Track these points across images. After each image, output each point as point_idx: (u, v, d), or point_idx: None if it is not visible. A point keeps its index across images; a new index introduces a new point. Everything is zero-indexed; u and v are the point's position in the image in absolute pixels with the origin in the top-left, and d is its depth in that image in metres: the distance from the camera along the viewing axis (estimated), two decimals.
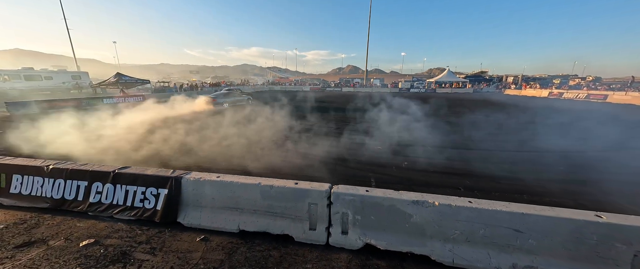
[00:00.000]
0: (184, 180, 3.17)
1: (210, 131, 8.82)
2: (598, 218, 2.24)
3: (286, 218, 2.97)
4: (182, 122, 10.45)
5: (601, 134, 8.90)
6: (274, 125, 10.00)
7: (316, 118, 12.42)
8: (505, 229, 2.42)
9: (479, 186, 4.65)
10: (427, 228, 2.63)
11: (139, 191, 3.30)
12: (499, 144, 7.77)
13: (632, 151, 7.10)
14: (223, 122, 10.35)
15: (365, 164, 5.86)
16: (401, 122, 10.46)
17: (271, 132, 8.77)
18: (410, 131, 9.13)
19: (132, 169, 3.44)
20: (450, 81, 44.88)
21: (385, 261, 2.61)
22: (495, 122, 11.62)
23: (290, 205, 2.96)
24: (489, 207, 2.48)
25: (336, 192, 2.85)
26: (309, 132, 9.27)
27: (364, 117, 12.42)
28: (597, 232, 2.23)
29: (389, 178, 5.02)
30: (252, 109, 14.82)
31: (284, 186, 2.96)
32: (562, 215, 2.33)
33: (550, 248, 2.34)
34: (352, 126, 10.43)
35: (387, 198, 2.73)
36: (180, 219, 3.17)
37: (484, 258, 2.46)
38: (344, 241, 2.83)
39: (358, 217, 2.81)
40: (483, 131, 9.66)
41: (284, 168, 5.46)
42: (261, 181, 3.04)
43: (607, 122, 11.47)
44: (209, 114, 13.00)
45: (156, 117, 11.55)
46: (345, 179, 4.90)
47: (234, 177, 3.15)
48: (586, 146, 7.47)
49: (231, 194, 3.08)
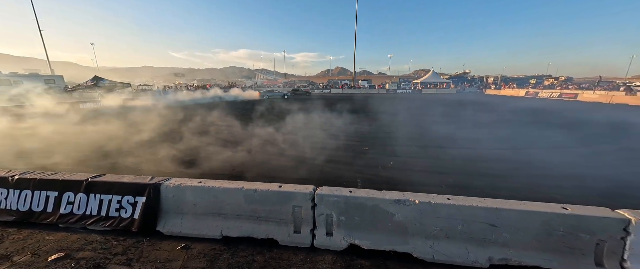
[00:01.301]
0: (163, 187, 3.06)
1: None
2: (564, 210, 2.39)
3: (270, 222, 2.94)
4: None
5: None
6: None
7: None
8: (482, 224, 2.52)
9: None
10: (409, 226, 2.68)
11: (115, 200, 3.15)
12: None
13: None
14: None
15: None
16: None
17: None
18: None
19: (106, 177, 3.29)
20: (434, 82, 46.36)
21: (369, 261, 2.64)
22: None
23: (274, 208, 2.93)
24: (466, 203, 2.57)
25: (320, 194, 2.85)
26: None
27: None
28: (563, 223, 2.37)
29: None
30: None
31: (267, 189, 2.94)
32: (533, 208, 2.46)
33: (522, 241, 2.46)
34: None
35: (370, 198, 2.76)
36: (159, 227, 3.05)
37: (462, 253, 2.54)
38: (328, 242, 2.83)
39: (342, 218, 2.82)
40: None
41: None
42: (244, 185, 3.00)
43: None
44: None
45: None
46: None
47: (217, 182, 3.08)
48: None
49: (214, 199, 3.01)
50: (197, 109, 16.35)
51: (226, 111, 15.54)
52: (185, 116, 13.05)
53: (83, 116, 13.59)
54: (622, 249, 2.30)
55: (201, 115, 13.27)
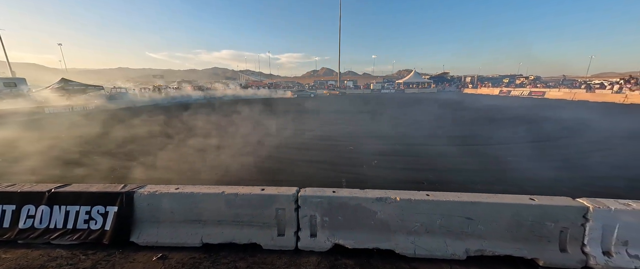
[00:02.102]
0: (136, 195, 2.89)
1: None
2: (531, 201, 2.55)
3: (253, 226, 2.88)
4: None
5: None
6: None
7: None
8: (459, 217, 2.62)
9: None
10: (391, 223, 2.74)
11: (83, 211, 2.93)
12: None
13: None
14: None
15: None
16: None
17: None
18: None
19: (73, 186, 3.05)
20: (416, 82, 47.92)
21: (353, 260, 2.65)
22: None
23: (257, 212, 2.87)
24: (444, 198, 2.67)
25: (303, 196, 2.84)
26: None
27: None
28: (531, 214, 2.53)
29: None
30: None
31: (249, 193, 2.87)
32: (504, 201, 2.60)
33: (496, 232, 2.59)
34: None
35: (353, 197, 2.79)
36: (134, 238, 2.88)
37: (441, 246, 2.63)
38: (313, 244, 2.82)
39: (326, 218, 2.82)
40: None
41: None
42: (225, 190, 2.91)
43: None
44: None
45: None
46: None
47: (195, 188, 2.97)
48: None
49: (192, 206, 2.89)
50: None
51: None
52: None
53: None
54: (583, 235, 2.49)
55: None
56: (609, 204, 2.47)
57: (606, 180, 4.89)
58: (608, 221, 2.43)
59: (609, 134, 8.81)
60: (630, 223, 2.41)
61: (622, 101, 21.90)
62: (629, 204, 2.46)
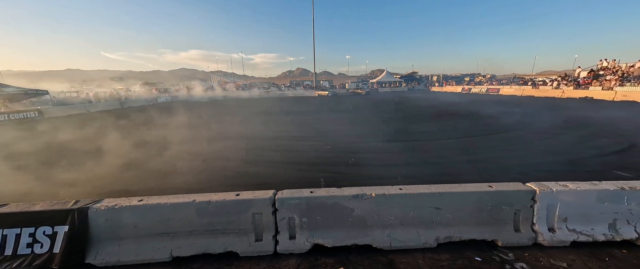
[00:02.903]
0: (91, 211, 2.59)
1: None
2: (490, 188, 2.81)
3: (229, 234, 2.76)
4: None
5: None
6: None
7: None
8: (429, 208, 2.79)
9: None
10: (368, 219, 2.82)
11: (25, 233, 2.55)
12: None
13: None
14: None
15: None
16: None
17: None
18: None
19: (10, 207, 2.64)
20: (388, 81, 50.05)
21: (332, 258, 2.68)
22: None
23: (232, 219, 2.75)
24: (415, 191, 2.82)
25: (281, 198, 2.79)
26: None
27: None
28: (491, 199, 2.79)
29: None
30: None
31: (223, 199, 2.74)
32: (468, 189, 2.83)
33: (462, 219, 2.81)
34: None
35: (330, 196, 2.81)
36: (90, 259, 2.58)
37: (414, 237, 2.78)
38: (292, 246, 2.79)
39: (304, 220, 2.81)
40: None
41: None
42: (196, 198, 2.75)
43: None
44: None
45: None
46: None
47: (162, 198, 2.75)
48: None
49: (159, 217, 2.68)
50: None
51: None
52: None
53: None
54: (532, 215, 2.82)
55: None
56: (551, 186, 2.83)
57: (549, 165, 5.59)
58: (551, 201, 2.78)
59: (549, 125, 10.09)
60: (568, 201, 2.79)
61: (560, 95, 25.34)
62: (567, 185, 2.84)
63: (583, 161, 5.78)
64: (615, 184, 2.83)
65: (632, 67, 23.41)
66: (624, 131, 8.62)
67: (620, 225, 2.79)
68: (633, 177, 4.73)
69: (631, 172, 4.97)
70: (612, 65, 25.58)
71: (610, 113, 13.12)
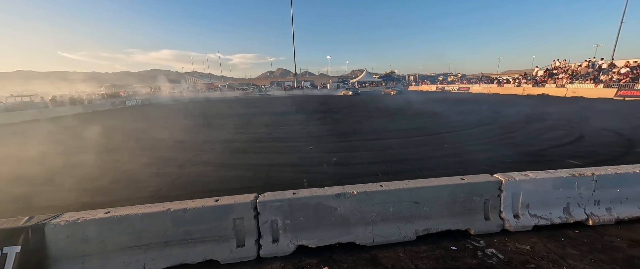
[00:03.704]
0: (49, 227, 2.34)
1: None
2: (462, 180, 3.00)
3: (208, 242, 2.64)
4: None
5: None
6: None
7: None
8: (408, 203, 2.90)
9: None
10: (351, 217, 2.86)
11: None
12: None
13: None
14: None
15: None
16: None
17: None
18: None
19: None
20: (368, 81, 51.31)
21: (317, 258, 2.68)
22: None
23: (211, 226, 2.64)
24: (395, 187, 2.92)
25: (263, 201, 2.73)
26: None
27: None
28: (463, 191, 2.97)
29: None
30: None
31: (201, 206, 2.62)
32: (442, 183, 2.99)
33: (438, 211, 2.96)
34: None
35: (313, 196, 2.81)
36: None
37: (395, 231, 2.88)
38: (276, 249, 2.74)
39: (288, 221, 2.78)
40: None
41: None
42: (171, 206, 2.59)
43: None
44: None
45: None
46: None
47: (132, 209, 2.56)
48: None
49: (130, 230, 2.49)
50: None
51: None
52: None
53: None
54: (499, 203, 3.05)
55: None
56: (515, 176, 3.09)
57: (513, 156, 6.10)
58: (515, 190, 3.03)
59: (512, 120, 11.01)
60: (529, 189, 3.06)
61: (521, 92, 27.82)
62: (528, 175, 3.11)
63: (541, 152, 6.39)
64: (568, 172, 3.16)
65: (579, 67, 26.36)
66: (574, 124, 9.66)
67: (572, 208, 3.13)
68: (582, 164, 5.32)
69: (581, 160, 5.58)
70: (563, 64, 28.59)
71: (563, 108, 14.65)
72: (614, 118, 10.76)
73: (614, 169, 3.22)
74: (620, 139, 7.27)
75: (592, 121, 10.28)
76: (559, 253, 2.64)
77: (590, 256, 2.60)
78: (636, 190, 3.18)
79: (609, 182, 3.12)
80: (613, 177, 3.12)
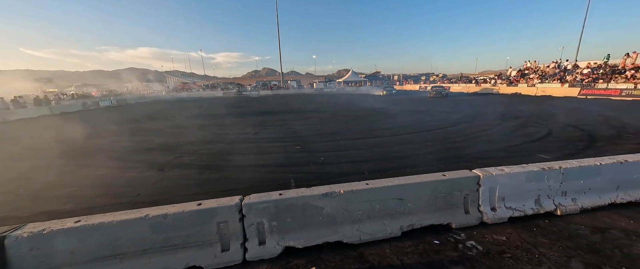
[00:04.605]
0: (9, 240, 2.13)
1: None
2: (444, 176, 3.11)
3: (190, 247, 2.54)
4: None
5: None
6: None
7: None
8: (393, 200, 2.97)
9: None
10: (338, 216, 2.88)
11: None
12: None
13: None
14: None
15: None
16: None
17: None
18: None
19: None
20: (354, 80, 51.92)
21: (304, 259, 2.67)
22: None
23: (194, 231, 2.54)
24: (380, 185, 2.97)
25: (248, 203, 2.67)
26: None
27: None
28: (444, 187, 3.08)
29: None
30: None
31: (182, 210, 2.51)
32: (425, 179, 3.08)
33: (421, 207, 3.05)
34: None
35: (300, 197, 2.79)
36: None
37: (381, 228, 2.93)
38: (262, 252, 2.70)
39: (274, 223, 2.74)
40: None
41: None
42: (150, 212, 2.46)
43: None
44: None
45: None
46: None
47: (106, 217, 2.40)
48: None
49: (104, 239, 2.33)
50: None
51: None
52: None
53: None
54: (478, 198, 3.20)
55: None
56: (492, 171, 3.25)
57: (490, 152, 6.44)
58: (492, 184, 3.19)
59: (490, 118, 11.62)
60: (505, 183, 3.24)
61: (497, 91, 29.49)
62: (503, 169, 3.29)
63: (515, 147, 6.79)
64: (538, 166, 3.38)
65: (548, 67, 28.34)
66: (543, 121, 10.37)
67: (543, 200, 3.35)
68: (551, 158, 5.72)
69: (550, 155, 6.00)
70: (533, 65, 30.61)
71: (533, 106, 15.69)
72: (578, 115, 11.69)
73: (578, 162, 3.49)
74: (583, 134, 7.91)
75: (558, 118, 11.10)
76: (532, 242, 2.82)
77: (559, 243, 2.80)
78: (597, 181, 3.47)
79: (574, 174, 3.38)
80: (577, 170, 3.38)
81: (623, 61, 21.34)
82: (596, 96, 19.41)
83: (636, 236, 2.87)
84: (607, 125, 9.15)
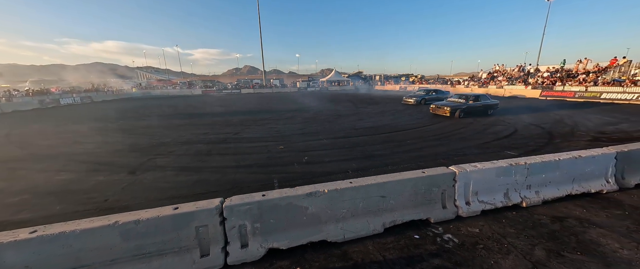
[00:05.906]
0: None
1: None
2: (423, 173, 3.24)
3: (166, 255, 2.39)
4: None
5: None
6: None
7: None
8: (376, 197, 3.03)
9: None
10: (322, 215, 2.88)
11: None
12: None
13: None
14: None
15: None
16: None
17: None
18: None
19: None
20: (337, 80, 52.38)
21: (288, 260, 2.64)
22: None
23: (170, 237, 2.40)
24: (363, 183, 3.01)
25: (229, 206, 2.58)
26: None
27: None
28: (424, 183, 3.21)
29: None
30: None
31: (156, 216, 2.36)
32: (406, 177, 3.19)
33: (402, 203, 3.15)
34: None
35: (284, 197, 2.75)
36: None
37: (365, 225, 2.98)
38: (245, 255, 2.62)
39: (257, 225, 2.67)
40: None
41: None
42: (120, 219, 2.28)
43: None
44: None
45: None
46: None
47: (68, 225, 2.18)
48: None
49: (65, 250, 2.12)
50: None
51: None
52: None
53: None
54: (454, 193, 3.38)
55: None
56: (466, 167, 3.45)
57: (464, 149, 6.84)
58: (466, 179, 3.38)
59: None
60: (478, 178, 3.45)
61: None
62: (476, 166, 3.51)
63: (486, 145, 7.28)
64: (506, 162, 3.65)
65: (513, 70, 30.76)
66: (510, 120, 11.24)
67: (511, 193, 3.62)
68: (517, 155, 6.20)
69: (516, 151, 6.51)
70: (501, 69, 33.06)
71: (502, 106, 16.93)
72: (539, 115, 12.81)
73: (541, 158, 3.81)
74: (543, 132, 8.69)
75: (522, 117, 12.08)
76: (501, 233, 3.04)
77: (524, 233, 3.04)
78: (556, 175, 3.82)
79: (537, 169, 3.69)
80: (540, 164, 3.70)
81: (576, 66, 23.82)
82: (555, 98, 21.43)
83: (588, 224, 3.21)
84: (563, 124, 10.15)
